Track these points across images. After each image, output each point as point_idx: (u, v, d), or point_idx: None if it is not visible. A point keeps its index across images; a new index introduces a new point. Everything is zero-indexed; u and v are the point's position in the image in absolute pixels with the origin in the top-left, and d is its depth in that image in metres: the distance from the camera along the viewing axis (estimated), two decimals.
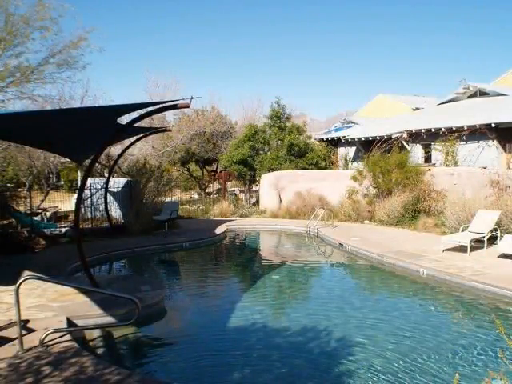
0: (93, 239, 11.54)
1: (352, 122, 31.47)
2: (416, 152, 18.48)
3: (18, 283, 4.77)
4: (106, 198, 12.93)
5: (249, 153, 19.38)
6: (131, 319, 5.34)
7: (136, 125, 7.79)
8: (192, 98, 5.80)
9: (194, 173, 28.03)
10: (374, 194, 14.84)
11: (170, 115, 25.33)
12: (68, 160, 17.58)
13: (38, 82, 12.62)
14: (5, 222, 13.12)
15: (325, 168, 19.86)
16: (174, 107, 6.31)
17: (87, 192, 14.06)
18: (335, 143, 23.40)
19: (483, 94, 21.41)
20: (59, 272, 8.02)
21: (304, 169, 18.70)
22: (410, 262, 8.96)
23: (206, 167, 27.31)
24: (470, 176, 13.11)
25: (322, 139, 23.89)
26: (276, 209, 16.41)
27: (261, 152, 20.08)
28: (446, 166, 16.36)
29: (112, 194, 14.12)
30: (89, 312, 6.02)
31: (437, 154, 17.38)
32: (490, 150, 15.84)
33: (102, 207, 14.16)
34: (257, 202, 18.35)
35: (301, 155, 19.52)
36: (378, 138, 18.89)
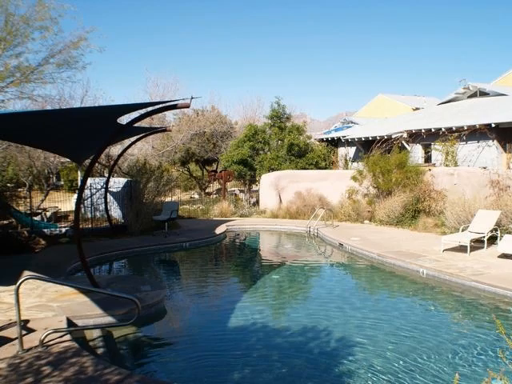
0: (93, 239, 11.56)
1: (352, 122, 31.53)
2: (416, 152, 18.48)
3: (18, 283, 4.77)
4: (106, 198, 12.93)
5: (249, 153, 19.38)
6: (131, 319, 5.34)
7: (136, 125, 7.80)
8: (192, 97, 5.81)
9: (194, 173, 28.03)
10: (374, 194, 14.84)
11: (170, 115, 25.37)
12: (68, 160, 17.62)
13: (38, 82, 12.66)
14: (5, 221, 13.13)
15: (325, 168, 19.86)
16: (174, 107, 6.32)
17: (87, 192, 14.09)
18: (335, 143, 23.40)
19: (483, 94, 21.42)
20: (59, 272, 8.02)
21: (304, 169, 18.70)
22: (410, 262, 8.96)
23: (206, 167, 27.30)
24: (469, 176, 13.11)
25: (322, 139, 23.89)
26: (276, 209, 16.41)
27: (261, 152, 20.09)
28: (446, 166, 16.36)
29: (112, 193, 14.12)
30: (89, 312, 6.02)
31: (437, 154, 17.38)
32: (490, 150, 15.84)
33: (102, 207, 14.19)
34: (257, 202, 18.35)
35: (301, 155, 19.52)
36: (378, 138, 18.89)
